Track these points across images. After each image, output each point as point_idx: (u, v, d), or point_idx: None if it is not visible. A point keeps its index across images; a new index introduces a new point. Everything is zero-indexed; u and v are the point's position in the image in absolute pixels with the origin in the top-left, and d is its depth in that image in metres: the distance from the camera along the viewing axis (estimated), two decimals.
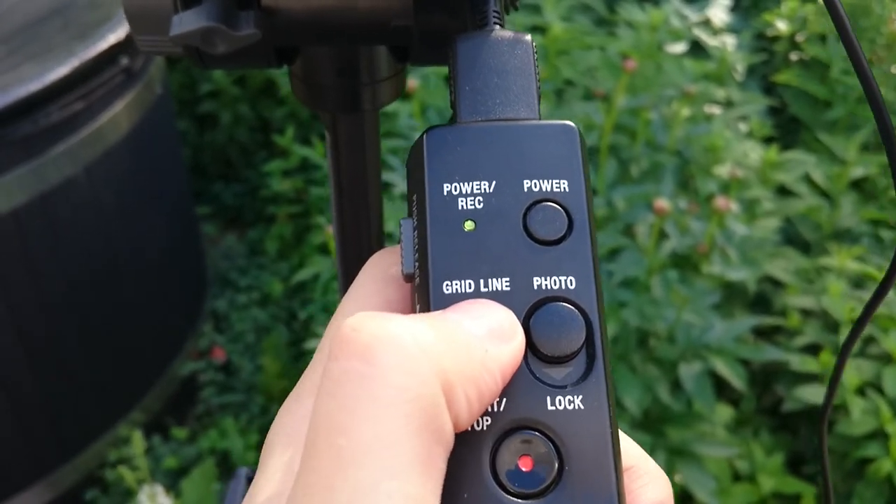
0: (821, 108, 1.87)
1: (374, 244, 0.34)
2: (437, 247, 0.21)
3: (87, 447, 1.52)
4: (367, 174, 0.32)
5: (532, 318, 0.21)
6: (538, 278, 0.21)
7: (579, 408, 0.20)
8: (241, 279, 1.96)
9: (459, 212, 0.22)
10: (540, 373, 0.21)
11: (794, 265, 1.45)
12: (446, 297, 0.21)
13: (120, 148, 1.41)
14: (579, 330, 0.21)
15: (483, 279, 0.21)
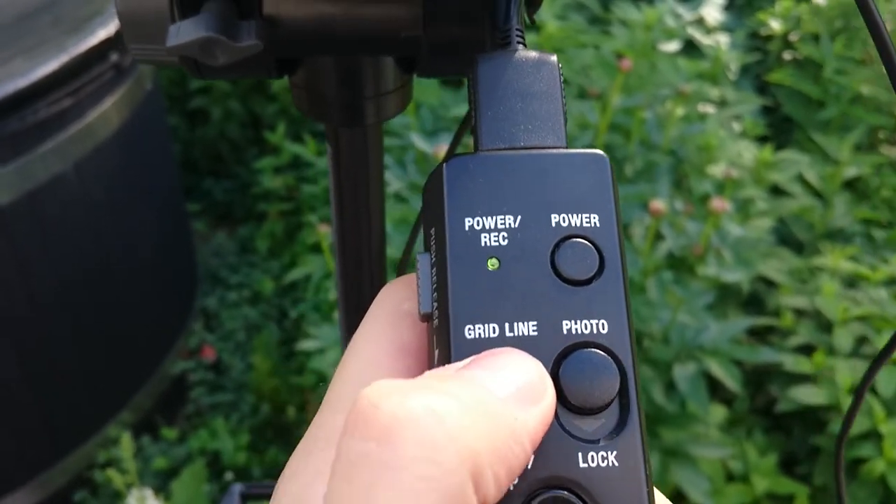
0: (814, 108, 1.87)
1: (376, 260, 0.33)
2: (459, 286, 0.20)
3: (78, 448, 1.51)
4: (370, 189, 0.31)
5: (562, 366, 0.19)
6: (568, 322, 0.20)
7: (613, 465, 0.19)
8: (232, 277, 1.94)
9: (482, 248, 0.20)
10: (570, 425, 0.19)
11: (788, 265, 1.45)
12: (468, 343, 0.19)
13: (110, 144, 1.40)
14: (613, 379, 0.19)
15: (508, 323, 0.20)
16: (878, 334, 1.26)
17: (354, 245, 0.32)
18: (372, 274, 0.33)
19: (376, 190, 0.31)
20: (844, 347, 1.26)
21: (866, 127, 1.81)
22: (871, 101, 1.85)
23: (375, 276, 0.33)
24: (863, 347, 1.30)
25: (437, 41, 0.26)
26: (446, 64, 0.27)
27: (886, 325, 1.28)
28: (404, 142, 1.35)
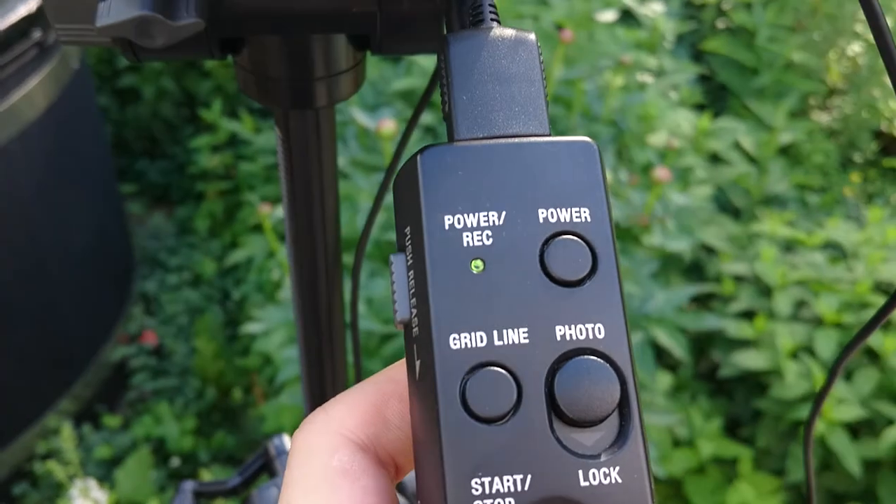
0: (748, 76, 1.89)
1: (331, 247, 0.31)
2: (440, 292, 0.18)
3: (14, 440, 1.46)
4: (323, 176, 0.29)
5: (556, 376, 0.18)
6: (561, 327, 0.18)
7: (616, 481, 0.17)
8: (171, 259, 1.90)
9: (465, 249, 0.18)
10: (568, 440, 0.18)
11: (727, 232, 1.48)
12: (454, 354, 0.18)
13: (36, 127, 1.34)
14: (613, 388, 0.18)
15: (497, 330, 0.18)
16: (816, 297, 1.29)
17: (307, 230, 0.31)
18: (327, 258, 0.31)
19: (329, 175, 0.30)
20: (784, 311, 1.28)
21: (798, 93, 1.85)
22: (803, 68, 1.89)
23: (330, 260, 0.32)
24: (801, 311, 1.33)
25: (393, 16, 0.25)
26: (404, 41, 0.26)
27: (823, 288, 1.32)
28: (344, 117, 1.33)
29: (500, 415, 0.18)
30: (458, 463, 0.17)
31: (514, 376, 0.18)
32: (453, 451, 0.17)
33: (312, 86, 0.28)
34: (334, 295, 0.33)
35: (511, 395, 0.18)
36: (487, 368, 0.18)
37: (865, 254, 1.35)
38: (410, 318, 0.19)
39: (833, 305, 1.26)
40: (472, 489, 0.17)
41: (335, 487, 0.19)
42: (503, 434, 0.17)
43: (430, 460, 0.18)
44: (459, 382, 0.18)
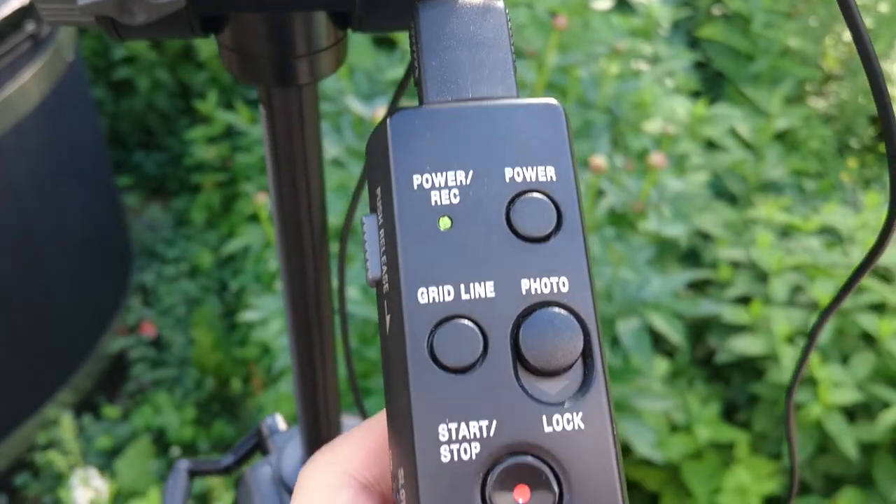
0: (744, 62, 1.89)
1: (317, 226, 0.32)
2: (409, 248, 0.19)
3: (15, 431, 1.46)
4: (307, 152, 0.29)
5: (521, 327, 0.18)
6: (527, 281, 0.19)
7: (579, 427, 0.18)
8: (168, 251, 1.90)
9: (433, 208, 0.19)
10: (532, 389, 0.18)
11: (723, 218, 1.48)
12: (422, 308, 0.18)
13: (31, 120, 1.34)
14: (576, 338, 0.18)
15: (464, 284, 0.19)
16: (812, 282, 1.30)
17: (294, 211, 0.31)
18: (313, 241, 0.32)
19: (314, 152, 0.30)
20: (780, 297, 1.29)
21: (795, 79, 1.85)
22: (799, 54, 1.89)
23: (317, 243, 0.32)
24: (798, 296, 1.33)
25: None
26: (383, 17, 0.26)
27: (819, 273, 1.32)
28: (339, 107, 1.33)
29: (466, 365, 0.18)
30: (426, 410, 0.18)
31: (481, 328, 0.18)
32: (421, 400, 0.18)
33: (294, 63, 0.28)
34: (321, 278, 0.33)
35: (477, 346, 0.18)
36: (454, 321, 0.18)
37: (862, 238, 1.36)
38: (381, 275, 0.20)
39: (829, 290, 1.26)
40: (440, 434, 0.18)
41: None
42: (469, 383, 0.18)
43: (399, 410, 0.18)
44: (427, 334, 0.18)
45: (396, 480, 0.19)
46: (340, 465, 0.20)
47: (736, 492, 1.20)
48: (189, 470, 0.42)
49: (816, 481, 1.24)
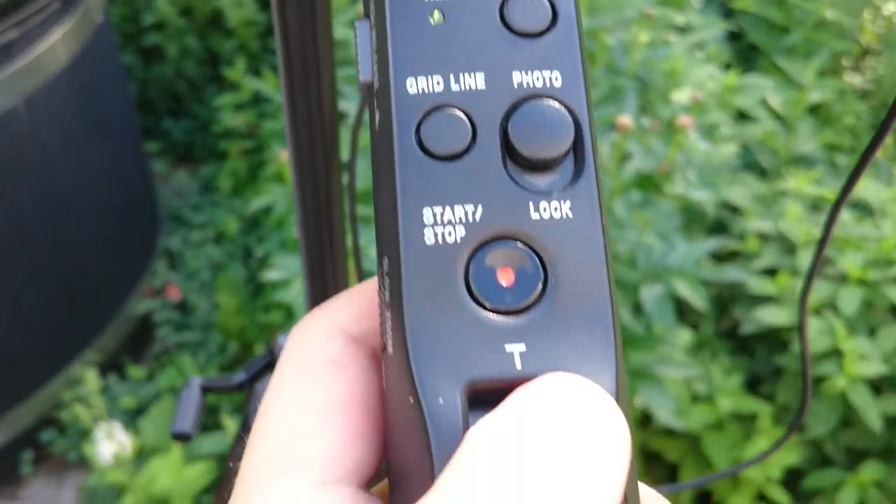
0: (778, 34, 1.86)
1: (328, 128, 0.31)
2: (399, 41, 0.18)
3: (42, 388, 1.49)
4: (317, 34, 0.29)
5: (511, 119, 0.18)
6: (518, 74, 0.18)
7: (567, 216, 0.18)
8: (195, 216, 1.91)
9: (424, 3, 0.19)
10: (521, 179, 0.18)
11: (752, 191, 1.46)
12: (411, 98, 0.18)
13: (60, 79, 1.35)
14: (567, 130, 0.18)
15: (454, 75, 0.18)
16: (841, 254, 1.28)
17: (304, 102, 0.30)
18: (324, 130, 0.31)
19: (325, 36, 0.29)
20: (808, 268, 1.27)
21: (830, 52, 1.81)
22: (835, 27, 1.85)
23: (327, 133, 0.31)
24: (826, 268, 1.31)
25: None
26: None
27: (849, 245, 1.30)
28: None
29: (454, 153, 0.18)
30: (412, 195, 0.18)
31: (470, 118, 0.18)
32: (407, 185, 0.18)
33: None
34: (332, 178, 0.32)
35: (466, 135, 0.18)
36: (443, 110, 0.18)
37: (893, 211, 1.33)
38: (372, 78, 0.19)
39: (858, 262, 1.24)
40: (424, 217, 0.18)
41: (324, 373, 0.19)
42: (457, 171, 0.18)
43: (385, 199, 0.18)
44: (415, 123, 0.18)
45: (381, 269, 0.18)
46: (330, 320, 0.20)
47: (757, 463, 1.19)
48: (202, 386, 0.42)
49: (839, 454, 1.23)
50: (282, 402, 0.19)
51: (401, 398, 0.17)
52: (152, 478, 1.31)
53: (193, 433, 0.42)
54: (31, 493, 1.54)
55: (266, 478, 0.18)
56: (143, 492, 1.30)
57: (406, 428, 0.17)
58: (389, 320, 0.18)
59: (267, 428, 0.19)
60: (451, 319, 0.17)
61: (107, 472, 1.31)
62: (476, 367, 0.17)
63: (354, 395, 0.19)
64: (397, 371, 0.17)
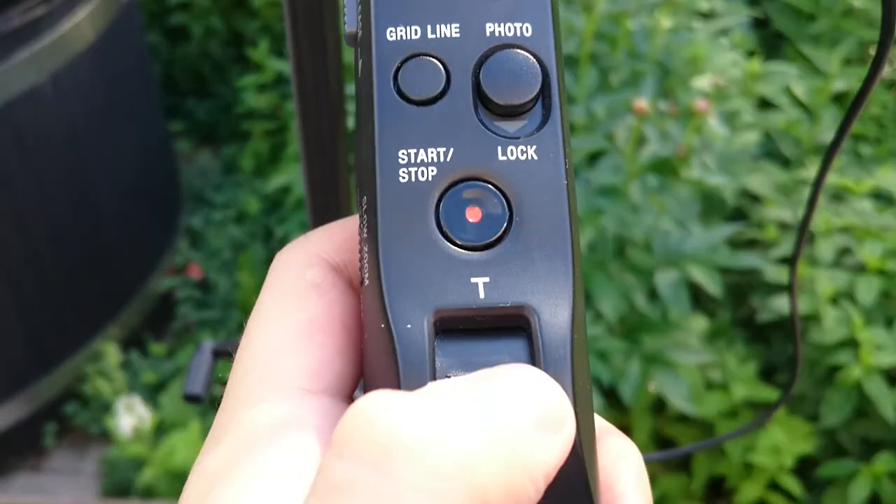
0: (805, 22, 1.84)
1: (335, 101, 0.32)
2: None
3: (65, 361, 1.52)
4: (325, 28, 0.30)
5: (483, 67, 0.19)
6: (491, 24, 0.20)
7: (532, 158, 0.19)
8: (217, 196, 1.93)
9: None
10: (491, 125, 0.19)
11: (773, 179, 1.45)
12: (390, 45, 0.19)
13: (86, 57, 1.37)
14: (534, 78, 0.19)
15: (431, 25, 0.20)
16: (861, 244, 1.27)
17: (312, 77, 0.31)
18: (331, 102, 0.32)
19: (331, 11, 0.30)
20: (826, 258, 1.26)
21: (857, 41, 1.79)
22: (863, 14, 1.83)
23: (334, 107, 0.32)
24: (844, 258, 1.30)
25: None
26: None
27: (869, 235, 1.29)
28: None
29: (428, 98, 0.19)
30: (389, 137, 0.19)
31: (444, 65, 0.20)
32: (384, 127, 0.19)
33: None
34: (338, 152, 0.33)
35: (440, 82, 0.19)
36: (420, 58, 0.20)
37: None
38: (357, 28, 0.21)
39: (877, 252, 1.23)
40: (399, 158, 0.19)
41: (305, 296, 0.20)
42: (430, 115, 0.19)
43: (366, 140, 0.20)
44: (394, 69, 0.19)
45: (360, 208, 0.20)
46: (313, 247, 0.21)
47: (770, 451, 1.19)
48: (214, 350, 0.43)
49: (853, 445, 1.23)
50: (266, 321, 0.20)
51: (374, 324, 0.19)
52: (171, 451, 1.33)
53: (205, 395, 0.43)
54: (53, 464, 1.58)
55: (253, 389, 0.19)
56: (162, 465, 1.32)
57: (378, 350, 0.19)
58: (366, 254, 0.19)
59: (252, 345, 0.20)
60: (422, 253, 0.19)
61: (127, 445, 1.33)
62: (443, 296, 0.18)
63: (334, 316, 0.20)
64: (372, 300, 0.19)
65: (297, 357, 0.19)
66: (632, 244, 1.12)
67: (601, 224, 1.07)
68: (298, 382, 0.19)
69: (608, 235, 1.10)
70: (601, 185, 1.10)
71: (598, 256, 1.11)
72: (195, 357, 0.44)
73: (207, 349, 0.44)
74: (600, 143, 1.14)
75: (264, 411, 0.18)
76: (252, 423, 0.18)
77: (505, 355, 0.18)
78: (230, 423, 0.19)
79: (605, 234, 1.09)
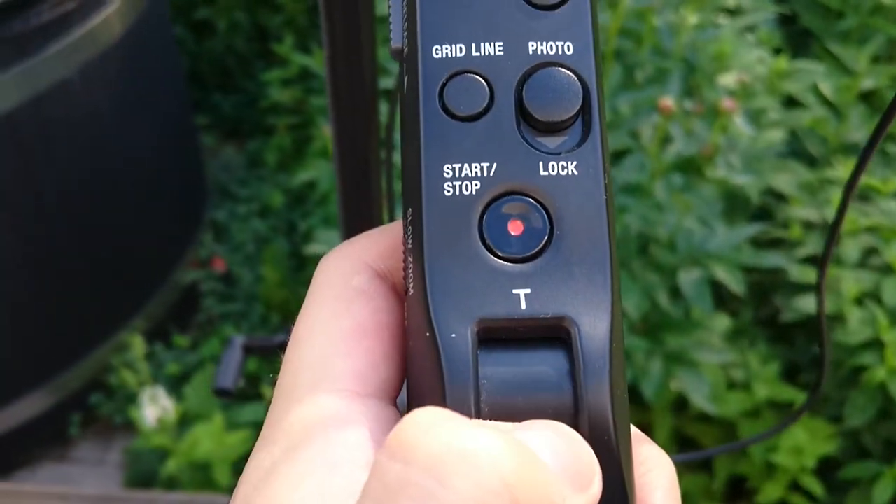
0: (833, 19, 1.82)
1: (369, 100, 0.32)
2: (427, 11, 0.20)
3: (90, 353, 1.54)
4: (361, 25, 0.30)
5: (526, 84, 0.20)
6: (534, 43, 0.20)
7: (573, 173, 0.20)
8: (241, 190, 1.95)
9: None
10: (533, 141, 0.20)
11: (799, 178, 1.44)
12: (436, 62, 0.20)
13: (114, 51, 1.38)
14: (575, 96, 0.20)
15: (475, 43, 0.20)
16: (887, 245, 1.26)
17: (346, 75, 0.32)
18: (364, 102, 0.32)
19: (367, 11, 0.31)
20: (852, 258, 1.25)
21: (886, 38, 1.77)
22: (892, 12, 1.81)
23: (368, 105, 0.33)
24: (870, 258, 1.29)
25: None
26: None
27: (895, 236, 1.27)
28: None
29: (472, 114, 0.20)
30: (434, 152, 0.20)
31: (488, 82, 0.20)
32: (430, 142, 0.20)
33: None
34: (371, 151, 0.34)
35: (484, 98, 0.20)
36: (465, 75, 0.20)
37: None
38: (402, 45, 0.21)
39: None
40: (445, 172, 0.20)
41: (353, 302, 0.21)
42: (474, 131, 0.20)
43: (412, 154, 0.20)
44: (439, 86, 0.20)
45: (406, 218, 0.20)
46: (357, 254, 0.22)
47: (792, 451, 1.18)
48: (244, 345, 0.44)
49: (877, 446, 1.22)
50: (315, 325, 0.21)
51: (419, 333, 0.19)
52: (194, 443, 1.35)
53: (234, 390, 0.44)
54: (78, 454, 1.60)
55: (303, 390, 0.20)
56: (186, 456, 1.34)
57: (423, 358, 0.19)
58: (411, 264, 0.20)
59: (302, 348, 0.21)
60: (466, 264, 0.19)
61: (151, 436, 1.35)
62: (485, 306, 0.19)
63: (381, 321, 0.21)
64: (417, 309, 0.19)
65: (347, 360, 0.20)
66: (655, 242, 1.12)
67: (625, 222, 1.07)
68: (347, 385, 0.20)
69: (631, 233, 1.10)
70: (625, 182, 1.09)
71: (621, 254, 1.10)
72: (225, 352, 0.44)
73: (238, 344, 0.44)
74: (625, 140, 1.13)
75: (315, 410, 0.19)
76: (303, 421, 0.19)
77: (545, 365, 0.19)
78: (282, 422, 0.19)
79: (629, 232, 1.09)
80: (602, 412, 0.18)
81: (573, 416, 0.19)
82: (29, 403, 1.48)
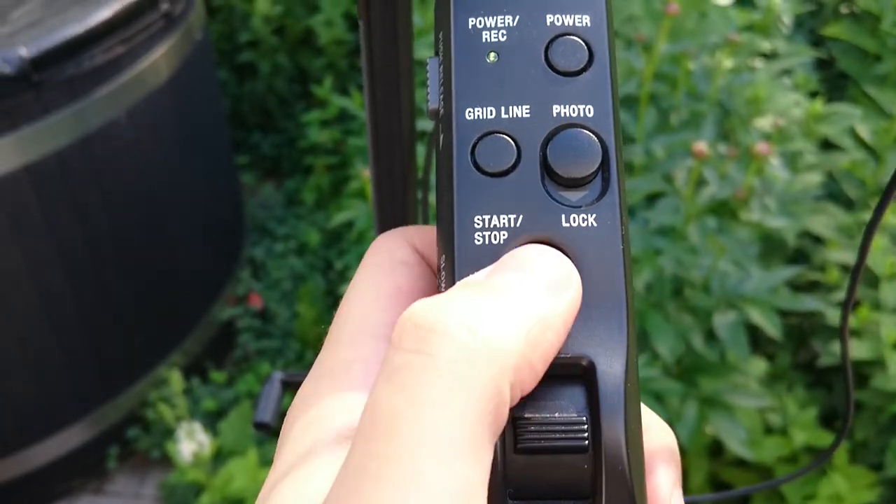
0: (870, 63, 1.82)
1: (407, 144, 0.34)
2: (461, 76, 0.22)
3: (130, 387, 1.56)
4: (400, 59, 0.32)
5: (550, 143, 0.22)
6: (558, 106, 0.22)
7: (592, 225, 0.21)
8: (279, 228, 1.98)
9: (483, 44, 0.22)
10: (556, 195, 0.22)
11: (836, 220, 1.43)
12: (469, 124, 0.22)
13: (160, 93, 1.43)
14: (595, 154, 0.22)
15: (504, 106, 0.22)
16: None
17: (385, 118, 0.33)
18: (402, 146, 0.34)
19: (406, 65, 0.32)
20: (891, 302, 1.24)
21: None
22: None
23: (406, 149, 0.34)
24: None
25: None
26: None
27: None
28: None
29: (501, 171, 0.22)
30: (466, 204, 0.22)
31: (516, 142, 0.22)
32: (462, 196, 0.22)
33: None
34: (409, 192, 0.35)
35: (511, 156, 0.22)
36: (494, 135, 0.22)
37: None
38: (439, 106, 0.23)
39: None
40: (475, 223, 0.22)
41: (396, 269, 0.24)
42: (503, 186, 0.22)
43: (446, 206, 0.22)
44: (471, 145, 0.22)
45: (439, 264, 0.22)
46: (403, 235, 0.25)
47: (831, 500, 1.16)
48: (283, 381, 0.45)
49: None
50: (361, 287, 0.24)
51: None
52: (229, 478, 1.36)
53: (273, 424, 0.45)
54: (115, 487, 1.62)
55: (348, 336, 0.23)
56: (220, 491, 1.35)
57: None
58: None
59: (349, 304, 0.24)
60: None
61: (186, 471, 1.36)
62: None
63: (418, 287, 0.24)
64: None
65: (385, 314, 0.23)
66: (690, 285, 1.12)
67: (658, 264, 1.07)
68: (385, 332, 0.23)
69: (666, 276, 1.10)
70: (659, 225, 1.10)
71: (656, 297, 1.10)
72: (265, 387, 0.46)
73: (277, 379, 0.46)
74: (659, 184, 1.14)
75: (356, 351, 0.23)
76: (345, 358, 0.23)
77: (565, 400, 0.20)
78: (327, 360, 0.23)
79: (663, 275, 1.09)
80: (616, 445, 0.20)
81: (591, 447, 0.20)
82: (69, 436, 1.50)
